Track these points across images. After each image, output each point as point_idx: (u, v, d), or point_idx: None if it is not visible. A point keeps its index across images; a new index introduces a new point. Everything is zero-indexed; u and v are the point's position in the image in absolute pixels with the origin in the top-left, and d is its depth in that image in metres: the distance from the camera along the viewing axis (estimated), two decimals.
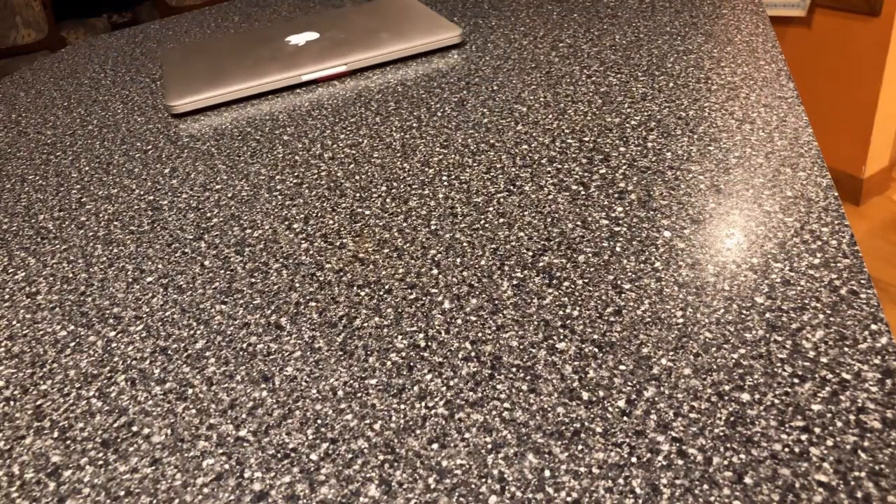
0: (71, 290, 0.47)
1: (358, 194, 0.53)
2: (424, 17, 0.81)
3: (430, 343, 0.38)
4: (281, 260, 0.47)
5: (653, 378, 0.34)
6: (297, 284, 0.44)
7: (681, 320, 0.37)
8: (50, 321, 0.45)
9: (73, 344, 0.42)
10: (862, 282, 0.37)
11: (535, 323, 0.38)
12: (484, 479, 0.30)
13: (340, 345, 0.39)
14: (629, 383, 0.34)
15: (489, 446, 0.32)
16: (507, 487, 0.30)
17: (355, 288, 0.43)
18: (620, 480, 0.29)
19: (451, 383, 0.35)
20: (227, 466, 0.33)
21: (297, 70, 0.71)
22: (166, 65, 0.81)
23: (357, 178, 0.56)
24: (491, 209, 0.49)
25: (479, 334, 0.38)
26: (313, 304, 0.42)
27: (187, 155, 0.64)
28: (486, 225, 0.47)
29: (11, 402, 0.39)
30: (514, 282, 0.41)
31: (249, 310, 0.43)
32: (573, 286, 0.40)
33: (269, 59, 0.74)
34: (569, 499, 0.29)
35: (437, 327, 0.39)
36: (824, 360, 0.33)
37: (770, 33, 0.70)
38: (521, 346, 0.37)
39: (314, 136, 0.63)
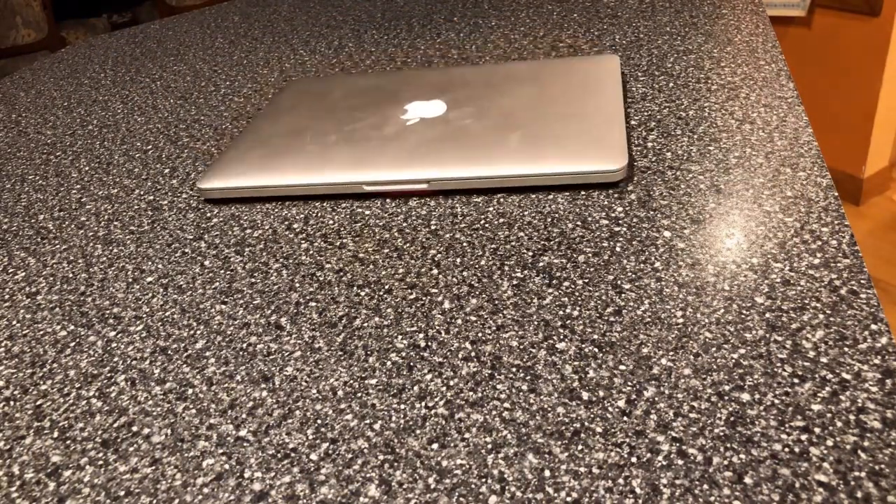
0: (71, 290, 0.47)
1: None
2: (599, 119, 0.53)
3: (430, 343, 0.38)
4: (281, 260, 0.47)
5: (653, 378, 0.34)
6: (297, 284, 0.44)
7: (681, 320, 0.37)
8: (50, 321, 0.45)
9: (73, 344, 0.42)
10: (862, 282, 0.37)
11: (535, 323, 0.38)
12: (484, 479, 0.30)
13: (340, 345, 0.39)
14: (629, 383, 0.34)
15: (489, 446, 0.32)
16: (507, 487, 0.30)
17: (355, 288, 0.43)
18: (620, 480, 0.29)
19: (451, 383, 0.35)
20: (227, 466, 0.33)
21: (364, 173, 0.52)
22: (271, 105, 0.66)
23: None
24: (491, 209, 0.49)
25: (479, 334, 0.38)
26: (313, 304, 0.42)
27: (187, 154, 0.64)
28: (486, 225, 0.47)
29: (11, 402, 0.39)
30: (514, 282, 0.41)
31: (249, 310, 0.43)
32: (573, 286, 0.40)
33: (352, 141, 0.56)
34: (569, 499, 0.29)
35: (437, 327, 0.39)
36: (824, 360, 0.33)
37: (770, 33, 0.70)
38: (521, 346, 0.37)
39: None
